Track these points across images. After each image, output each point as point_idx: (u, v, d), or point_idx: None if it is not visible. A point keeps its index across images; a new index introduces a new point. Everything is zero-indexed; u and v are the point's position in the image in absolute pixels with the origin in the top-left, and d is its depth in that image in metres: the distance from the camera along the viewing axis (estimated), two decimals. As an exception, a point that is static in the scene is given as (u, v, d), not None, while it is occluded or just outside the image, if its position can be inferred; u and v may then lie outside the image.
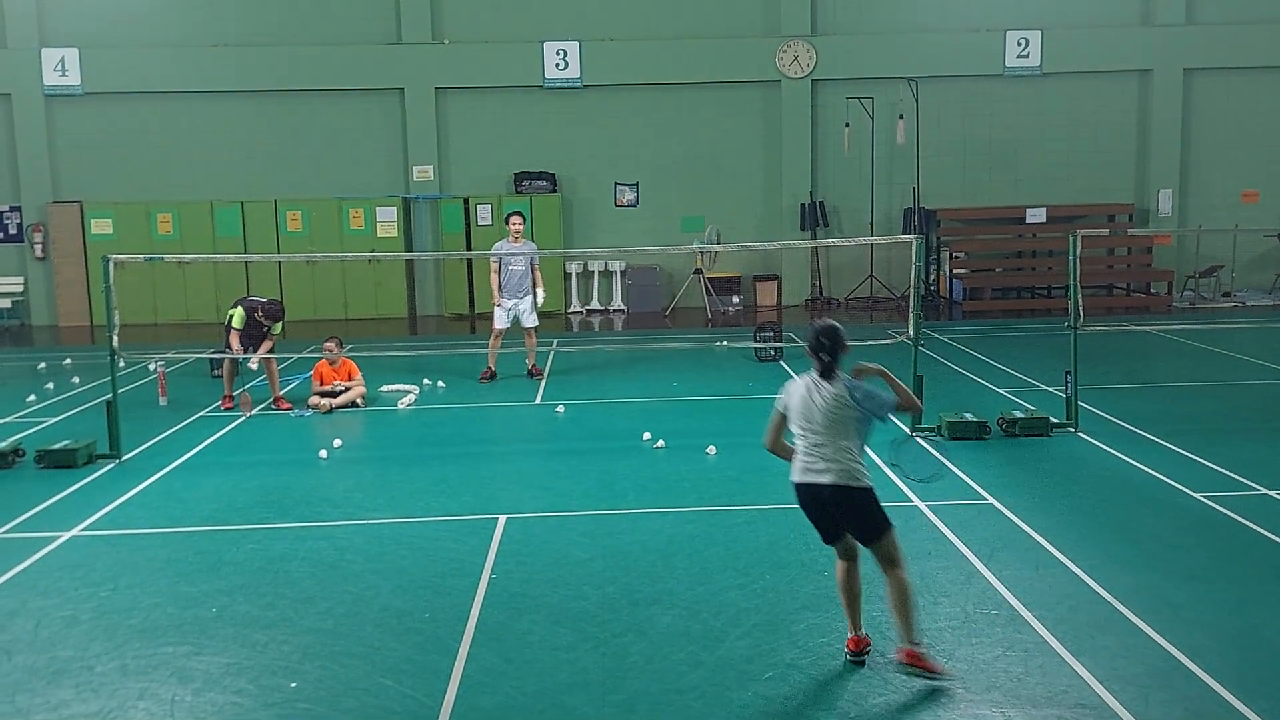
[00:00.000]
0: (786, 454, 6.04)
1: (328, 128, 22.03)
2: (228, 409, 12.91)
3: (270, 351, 13.09)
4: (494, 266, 14.15)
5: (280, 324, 13.23)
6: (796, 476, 5.94)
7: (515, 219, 14.14)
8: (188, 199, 21.61)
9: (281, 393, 13.28)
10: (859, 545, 5.93)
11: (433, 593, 7.08)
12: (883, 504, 5.86)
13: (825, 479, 5.79)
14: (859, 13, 22.13)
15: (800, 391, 5.95)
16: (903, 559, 5.84)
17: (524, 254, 14.13)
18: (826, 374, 5.90)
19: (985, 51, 22.01)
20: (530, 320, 14.33)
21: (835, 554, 6.06)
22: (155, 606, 6.94)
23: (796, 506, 6.00)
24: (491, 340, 14.26)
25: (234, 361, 12.97)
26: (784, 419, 6.04)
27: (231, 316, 12.83)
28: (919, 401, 5.99)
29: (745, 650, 6.11)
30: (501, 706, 5.56)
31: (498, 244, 14.40)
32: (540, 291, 14.41)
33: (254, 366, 13.38)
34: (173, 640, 6.42)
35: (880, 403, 5.90)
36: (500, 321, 14.17)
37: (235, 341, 12.65)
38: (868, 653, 5.95)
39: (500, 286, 14.14)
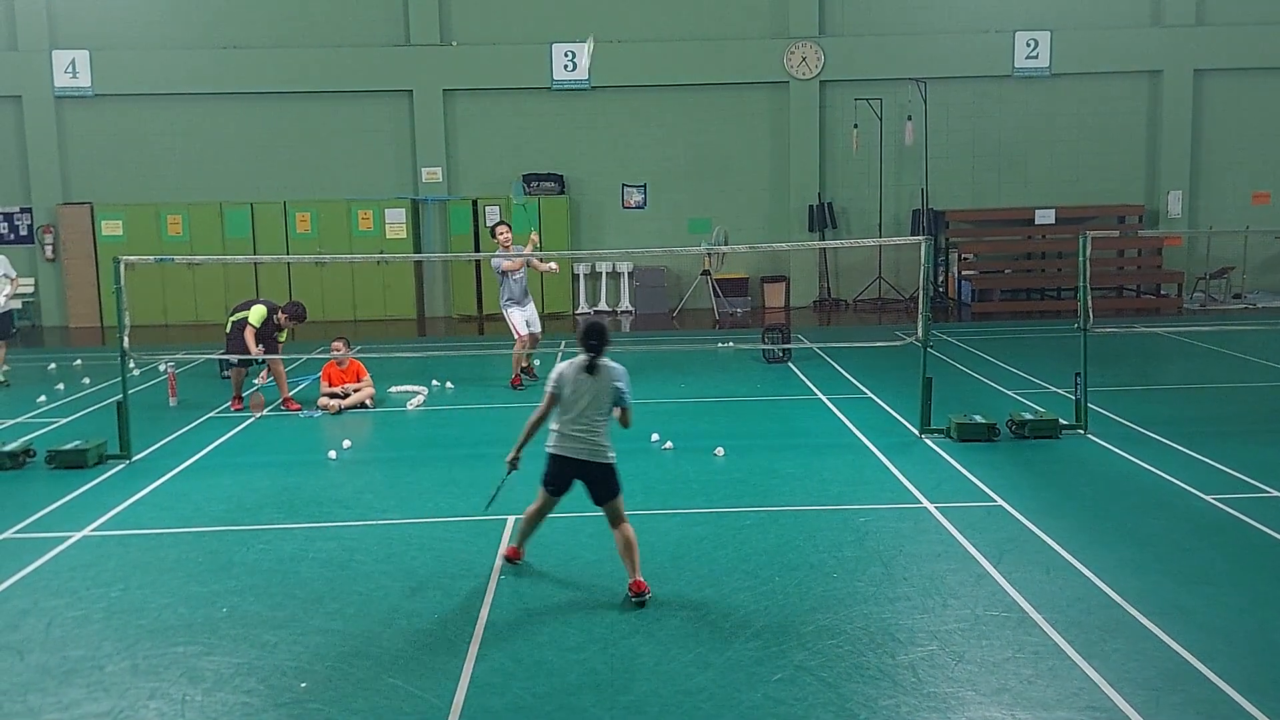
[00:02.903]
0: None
1: (337, 129, 22.08)
2: (237, 410, 12.93)
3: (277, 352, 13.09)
4: (506, 265, 13.88)
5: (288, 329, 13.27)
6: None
7: (501, 229, 13.99)
8: (197, 200, 21.68)
9: (291, 394, 13.29)
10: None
11: (442, 593, 7.08)
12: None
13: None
14: (867, 14, 22.12)
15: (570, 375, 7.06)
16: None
17: (522, 256, 14.04)
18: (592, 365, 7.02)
19: (994, 52, 21.99)
20: (537, 326, 14.30)
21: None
22: (166, 606, 6.95)
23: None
24: (517, 346, 14.01)
25: (245, 363, 12.96)
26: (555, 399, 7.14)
27: (247, 316, 12.74)
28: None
29: (754, 652, 6.10)
30: (511, 707, 5.56)
31: (496, 253, 14.10)
32: (552, 267, 15.03)
33: (259, 356, 12.92)
34: (183, 640, 6.43)
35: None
36: (523, 328, 14.01)
37: (252, 339, 12.58)
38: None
39: (509, 298, 14.00)
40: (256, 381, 14.09)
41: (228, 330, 13.04)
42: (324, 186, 21.99)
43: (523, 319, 14.00)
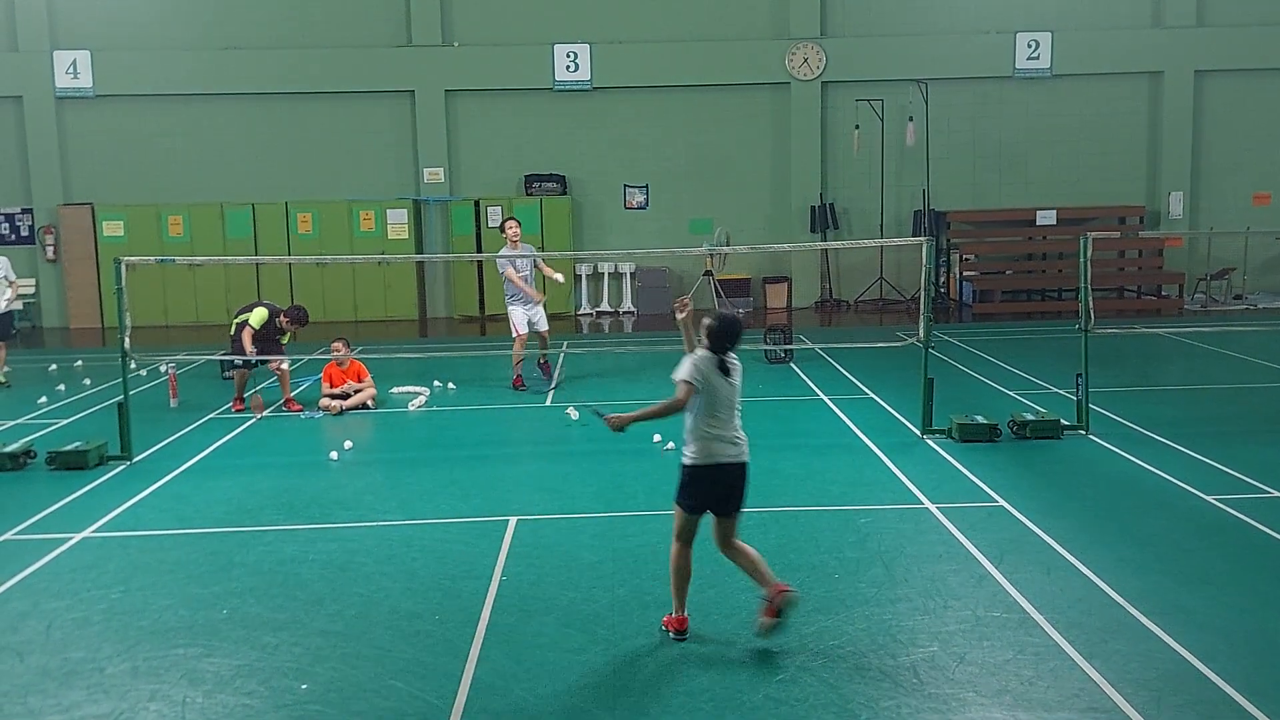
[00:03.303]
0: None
1: (338, 130, 22.08)
2: (238, 411, 12.93)
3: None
4: (509, 271, 13.98)
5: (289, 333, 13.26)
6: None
7: (511, 224, 14.09)
8: (198, 201, 21.68)
9: (292, 394, 13.29)
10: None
11: (443, 595, 7.08)
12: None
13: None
14: (868, 15, 22.11)
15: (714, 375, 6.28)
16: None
17: (528, 259, 14.09)
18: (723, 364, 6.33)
19: (995, 53, 21.98)
20: (543, 324, 14.30)
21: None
22: (166, 608, 6.95)
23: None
24: (515, 346, 14.07)
25: (249, 364, 12.93)
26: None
27: (248, 318, 12.75)
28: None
29: (756, 653, 6.10)
30: (512, 709, 5.56)
31: (502, 250, 14.23)
32: (558, 276, 14.58)
33: (286, 367, 13.22)
34: (184, 642, 6.43)
35: None
36: (522, 326, 14.03)
37: (249, 341, 12.60)
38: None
39: (512, 295, 14.04)
40: (265, 384, 14.00)
41: (231, 332, 13.06)
42: (325, 187, 21.99)
43: (524, 317, 13.99)
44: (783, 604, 6.12)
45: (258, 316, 12.70)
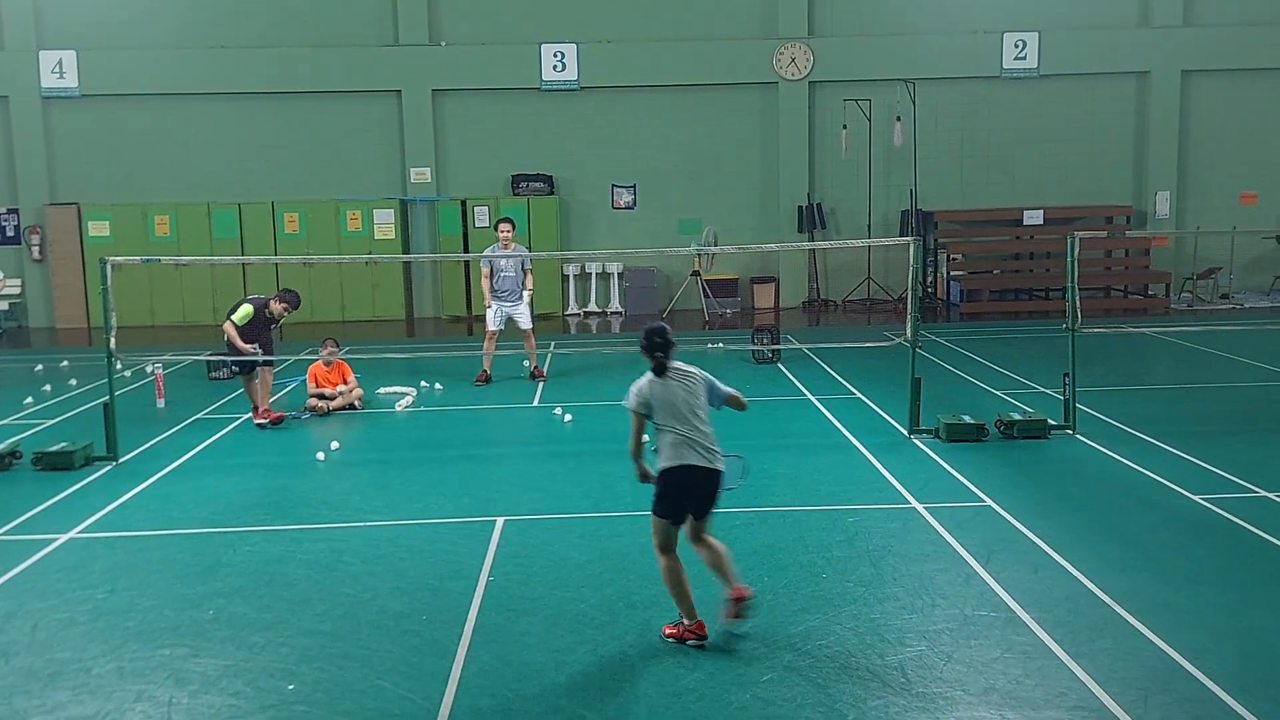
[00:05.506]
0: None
1: (325, 130, 22.03)
2: (270, 421, 12.17)
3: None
4: (485, 272, 14.28)
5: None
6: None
7: (504, 225, 14.21)
8: (185, 201, 21.60)
9: (273, 399, 12.79)
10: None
11: (431, 595, 7.06)
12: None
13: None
14: (856, 15, 22.14)
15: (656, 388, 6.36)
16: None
17: (513, 258, 14.15)
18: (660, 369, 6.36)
19: (983, 53, 22.03)
20: (526, 322, 14.34)
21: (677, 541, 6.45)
22: (152, 609, 6.92)
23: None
24: (486, 343, 14.31)
25: (250, 368, 12.28)
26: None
27: (233, 320, 12.08)
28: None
29: (743, 653, 6.10)
30: (500, 709, 5.55)
31: (489, 248, 14.47)
32: (527, 294, 14.37)
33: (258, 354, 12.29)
34: (170, 642, 6.40)
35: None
36: (493, 323, 14.22)
37: (239, 341, 11.99)
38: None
39: (492, 290, 14.21)
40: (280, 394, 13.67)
41: (226, 338, 12.57)
42: (312, 187, 21.93)
43: (497, 315, 14.21)
44: (741, 610, 6.25)
45: (241, 314, 12.17)
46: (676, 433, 6.28)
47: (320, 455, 10.75)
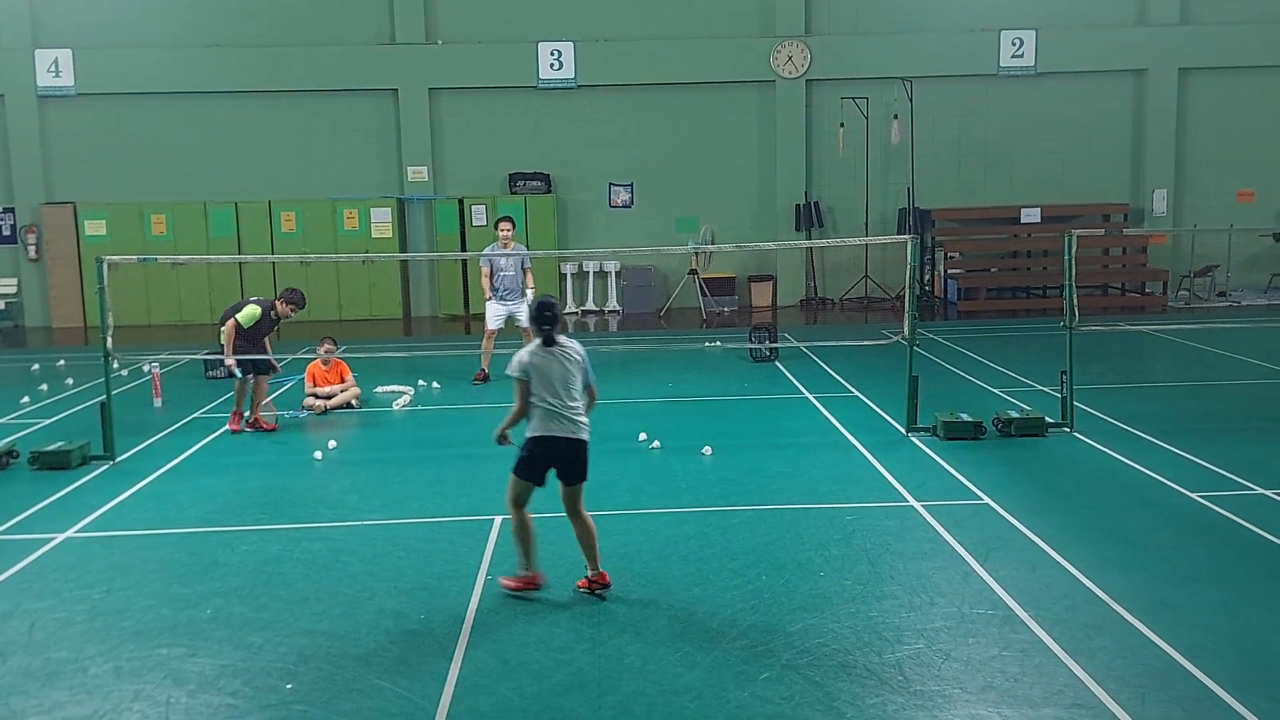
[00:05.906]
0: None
1: (322, 128, 22.00)
2: (234, 429, 11.93)
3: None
4: (485, 271, 14.25)
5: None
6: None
7: (504, 224, 14.18)
8: (181, 200, 21.58)
9: (268, 399, 12.66)
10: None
11: (428, 594, 7.06)
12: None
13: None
14: (853, 13, 22.13)
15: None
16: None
17: (513, 256, 14.14)
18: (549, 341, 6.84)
19: (980, 51, 22.02)
20: (526, 321, 14.30)
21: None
22: (150, 608, 6.91)
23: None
24: (484, 342, 14.30)
25: (246, 371, 11.79)
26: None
27: (237, 319, 11.57)
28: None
29: (742, 651, 6.09)
30: (498, 707, 5.55)
31: (489, 247, 14.49)
32: (530, 292, 14.36)
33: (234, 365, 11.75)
34: (167, 642, 6.39)
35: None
36: (492, 322, 14.21)
37: (230, 342, 11.52)
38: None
39: (493, 289, 14.18)
40: (277, 393, 13.60)
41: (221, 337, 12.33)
42: (309, 186, 21.91)
43: (496, 314, 14.19)
44: (595, 591, 6.91)
45: (247, 314, 11.63)
46: (547, 405, 6.78)
47: (318, 454, 10.74)
